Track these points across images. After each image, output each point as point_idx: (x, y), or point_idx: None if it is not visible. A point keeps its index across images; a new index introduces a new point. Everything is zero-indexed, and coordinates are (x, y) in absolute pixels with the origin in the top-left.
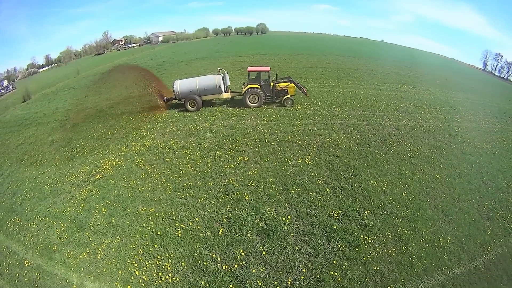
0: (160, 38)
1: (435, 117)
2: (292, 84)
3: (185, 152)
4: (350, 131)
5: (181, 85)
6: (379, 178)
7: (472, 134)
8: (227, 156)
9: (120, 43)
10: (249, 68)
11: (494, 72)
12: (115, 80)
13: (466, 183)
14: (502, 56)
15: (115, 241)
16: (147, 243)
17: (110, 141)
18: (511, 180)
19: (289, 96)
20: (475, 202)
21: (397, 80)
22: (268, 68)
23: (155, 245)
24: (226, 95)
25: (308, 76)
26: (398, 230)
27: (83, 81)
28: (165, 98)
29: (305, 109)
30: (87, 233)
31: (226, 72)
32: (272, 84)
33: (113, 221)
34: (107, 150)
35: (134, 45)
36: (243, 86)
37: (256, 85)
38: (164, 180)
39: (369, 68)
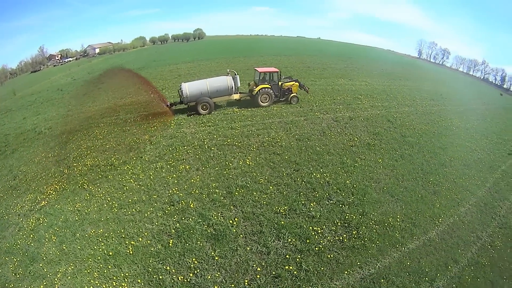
0: (97, 50)
1: (373, 106)
2: (296, 83)
3: (127, 168)
4: (289, 128)
5: (190, 88)
6: (321, 170)
7: (410, 118)
8: (168, 166)
9: (56, 58)
10: (260, 69)
11: (429, 59)
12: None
13: (408, 163)
14: (436, 44)
15: (69, 269)
16: (101, 265)
17: (52, 164)
18: (453, 155)
19: (295, 94)
20: (419, 180)
21: (334, 75)
22: (277, 70)
23: (109, 266)
24: (236, 96)
25: (246, 79)
26: (346, 217)
27: (20, 102)
28: (169, 103)
29: (242, 111)
30: (41, 265)
31: (236, 73)
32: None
33: (64, 248)
34: (49, 174)
35: (70, 59)
36: (250, 88)
37: (267, 85)
38: (109, 199)
39: (306, 65)
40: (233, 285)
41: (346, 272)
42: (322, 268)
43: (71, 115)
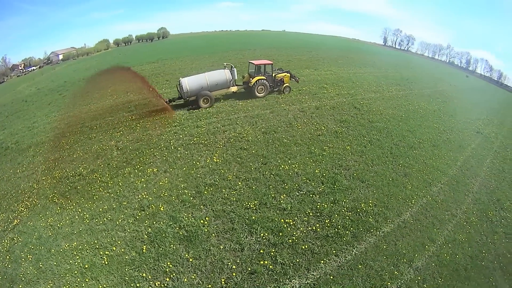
0: (60, 57)
1: (339, 94)
2: (288, 74)
3: (95, 176)
4: (254, 122)
5: (190, 82)
6: (289, 161)
7: (377, 103)
8: (136, 171)
9: (20, 68)
10: (255, 62)
11: (394, 46)
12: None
13: (377, 148)
14: (401, 31)
15: (48, 287)
16: (78, 279)
17: (20, 180)
18: (421, 137)
19: (287, 84)
20: (389, 164)
21: (299, 65)
22: (271, 62)
23: (86, 279)
24: (234, 89)
25: None
26: (318, 206)
27: None
28: (168, 99)
29: (207, 109)
30: (20, 286)
31: (233, 66)
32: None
33: (41, 265)
34: (19, 191)
35: (34, 67)
36: (245, 80)
37: (263, 77)
38: (80, 210)
39: (271, 58)
40: (210, 286)
41: (322, 261)
42: (297, 260)
43: (37, 127)
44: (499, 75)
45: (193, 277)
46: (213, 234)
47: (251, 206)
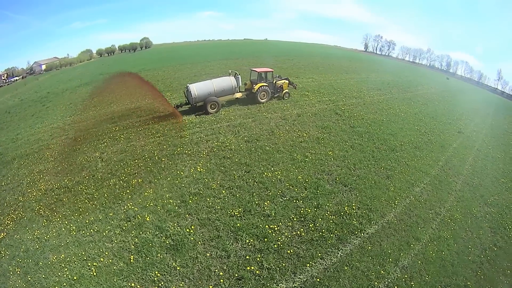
0: (43, 67)
1: (320, 101)
2: (286, 81)
3: (81, 188)
4: (237, 131)
5: (198, 88)
6: (272, 169)
7: (358, 109)
8: (121, 182)
9: (2, 78)
10: (258, 70)
11: (375, 51)
12: None
13: (359, 152)
14: (381, 37)
15: None
16: None
17: (6, 193)
18: (403, 140)
19: (286, 90)
20: (371, 167)
21: (281, 74)
22: (272, 70)
23: None
24: (238, 95)
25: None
26: (302, 211)
27: None
28: (176, 105)
29: (190, 119)
30: None
31: (238, 74)
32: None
33: (29, 279)
34: (5, 204)
35: (17, 78)
36: (247, 87)
37: (265, 84)
38: (66, 222)
39: (252, 66)
40: None
41: (308, 264)
42: (283, 264)
43: (20, 139)
44: (479, 76)
45: (181, 285)
46: (199, 242)
47: (235, 213)
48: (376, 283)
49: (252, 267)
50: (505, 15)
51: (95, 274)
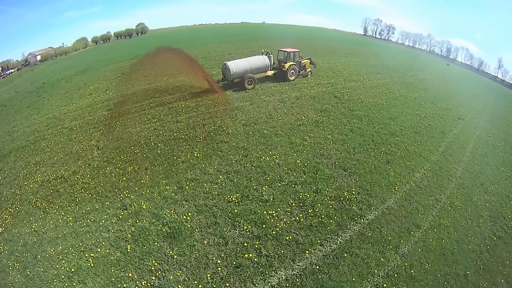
0: (38, 57)
1: (319, 84)
2: (308, 60)
3: (77, 178)
4: (234, 115)
5: (236, 66)
6: (270, 153)
7: (357, 92)
8: (117, 170)
9: None
10: (287, 50)
11: (375, 35)
12: None
13: (358, 136)
14: (381, 21)
15: None
16: (66, 284)
17: (3, 187)
18: (403, 124)
19: (309, 69)
20: (371, 151)
21: None
22: (298, 50)
23: (74, 284)
24: (270, 73)
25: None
26: (300, 196)
27: None
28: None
29: (187, 103)
30: None
31: (270, 53)
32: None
33: (28, 273)
34: (2, 198)
35: (12, 70)
36: (276, 66)
37: (293, 63)
38: (63, 213)
39: (250, 50)
40: (196, 282)
41: (307, 251)
42: (282, 251)
43: (16, 131)
44: (480, 63)
45: (178, 274)
46: (196, 230)
47: (233, 199)
48: (376, 270)
49: (250, 255)
50: (507, 6)
51: (92, 265)
